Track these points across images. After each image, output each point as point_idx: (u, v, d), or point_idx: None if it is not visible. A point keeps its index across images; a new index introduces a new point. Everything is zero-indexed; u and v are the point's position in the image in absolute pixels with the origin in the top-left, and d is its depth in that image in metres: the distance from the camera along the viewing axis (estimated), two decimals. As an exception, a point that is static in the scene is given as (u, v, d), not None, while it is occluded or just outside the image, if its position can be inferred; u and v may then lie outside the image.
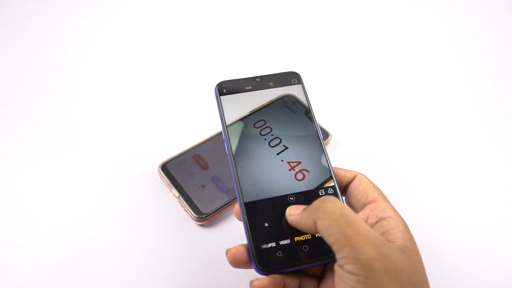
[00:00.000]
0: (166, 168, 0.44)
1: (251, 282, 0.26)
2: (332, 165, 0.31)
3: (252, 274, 0.27)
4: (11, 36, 0.62)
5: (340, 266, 0.23)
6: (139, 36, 0.64)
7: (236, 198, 0.36)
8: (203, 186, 0.42)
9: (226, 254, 0.28)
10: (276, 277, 0.27)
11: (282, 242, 0.28)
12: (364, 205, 0.29)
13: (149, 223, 0.41)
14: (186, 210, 0.41)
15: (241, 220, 0.29)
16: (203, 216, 0.40)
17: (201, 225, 0.41)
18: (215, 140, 0.46)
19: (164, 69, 0.59)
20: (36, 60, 0.59)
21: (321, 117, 0.50)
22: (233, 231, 0.40)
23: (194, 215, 0.40)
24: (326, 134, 0.48)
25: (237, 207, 0.30)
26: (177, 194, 0.41)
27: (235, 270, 0.36)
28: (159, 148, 0.47)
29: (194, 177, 0.43)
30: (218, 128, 0.45)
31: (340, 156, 0.47)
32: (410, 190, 0.45)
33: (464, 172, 0.47)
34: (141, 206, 0.42)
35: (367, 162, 0.47)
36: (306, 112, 0.34)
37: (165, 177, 0.43)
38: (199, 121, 0.50)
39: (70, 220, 0.41)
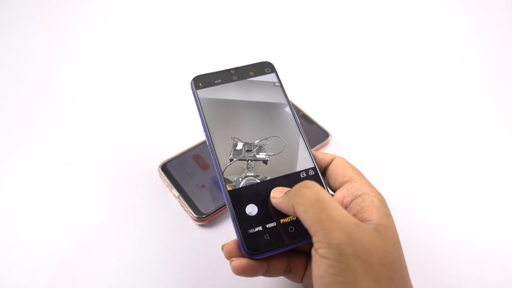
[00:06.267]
0: (166, 168, 0.44)
1: (231, 261, 0.28)
2: (312, 150, 0.33)
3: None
4: (12, 37, 0.62)
5: (315, 250, 0.24)
6: (139, 37, 0.64)
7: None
8: (203, 186, 0.42)
9: (222, 249, 0.29)
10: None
11: (268, 225, 0.28)
12: (341, 185, 0.30)
13: (149, 223, 0.41)
14: (186, 210, 0.41)
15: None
16: (203, 216, 0.40)
17: (201, 225, 0.41)
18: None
19: (164, 69, 0.59)
20: (37, 61, 0.59)
21: (321, 117, 0.50)
22: (233, 231, 0.40)
23: (194, 215, 0.40)
24: (326, 134, 0.48)
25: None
26: (177, 194, 0.41)
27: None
28: (159, 148, 0.47)
29: (194, 177, 0.43)
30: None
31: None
32: (410, 189, 0.45)
33: (465, 171, 0.47)
34: (141, 206, 0.42)
35: (367, 162, 0.47)
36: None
37: (165, 177, 0.43)
38: (199, 121, 0.50)
39: (70, 220, 0.41)
